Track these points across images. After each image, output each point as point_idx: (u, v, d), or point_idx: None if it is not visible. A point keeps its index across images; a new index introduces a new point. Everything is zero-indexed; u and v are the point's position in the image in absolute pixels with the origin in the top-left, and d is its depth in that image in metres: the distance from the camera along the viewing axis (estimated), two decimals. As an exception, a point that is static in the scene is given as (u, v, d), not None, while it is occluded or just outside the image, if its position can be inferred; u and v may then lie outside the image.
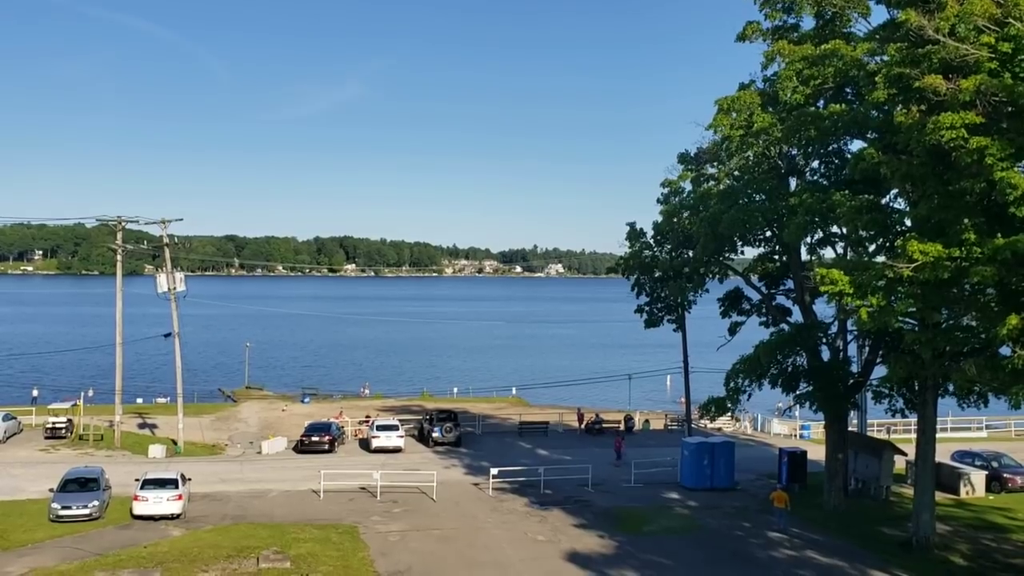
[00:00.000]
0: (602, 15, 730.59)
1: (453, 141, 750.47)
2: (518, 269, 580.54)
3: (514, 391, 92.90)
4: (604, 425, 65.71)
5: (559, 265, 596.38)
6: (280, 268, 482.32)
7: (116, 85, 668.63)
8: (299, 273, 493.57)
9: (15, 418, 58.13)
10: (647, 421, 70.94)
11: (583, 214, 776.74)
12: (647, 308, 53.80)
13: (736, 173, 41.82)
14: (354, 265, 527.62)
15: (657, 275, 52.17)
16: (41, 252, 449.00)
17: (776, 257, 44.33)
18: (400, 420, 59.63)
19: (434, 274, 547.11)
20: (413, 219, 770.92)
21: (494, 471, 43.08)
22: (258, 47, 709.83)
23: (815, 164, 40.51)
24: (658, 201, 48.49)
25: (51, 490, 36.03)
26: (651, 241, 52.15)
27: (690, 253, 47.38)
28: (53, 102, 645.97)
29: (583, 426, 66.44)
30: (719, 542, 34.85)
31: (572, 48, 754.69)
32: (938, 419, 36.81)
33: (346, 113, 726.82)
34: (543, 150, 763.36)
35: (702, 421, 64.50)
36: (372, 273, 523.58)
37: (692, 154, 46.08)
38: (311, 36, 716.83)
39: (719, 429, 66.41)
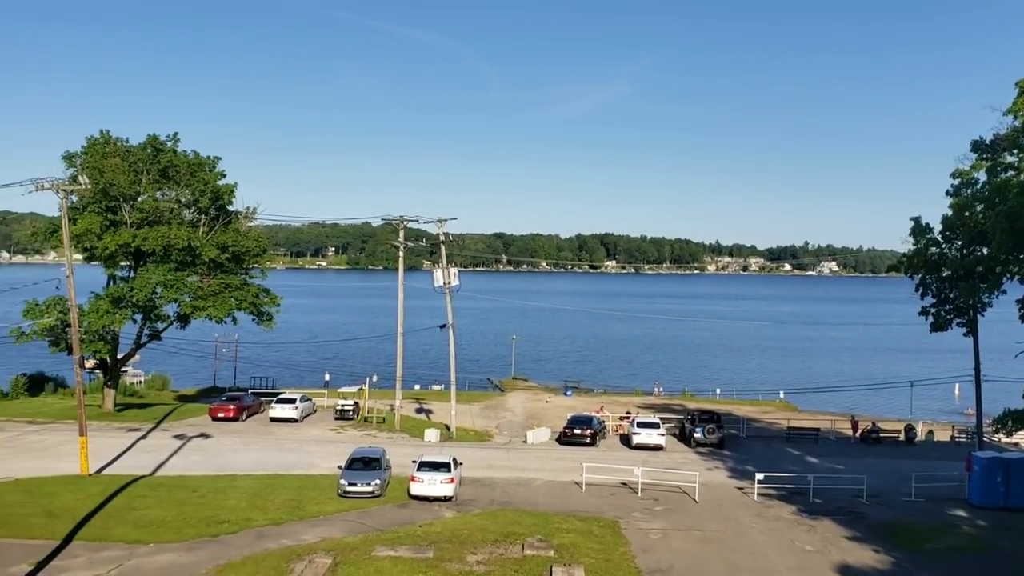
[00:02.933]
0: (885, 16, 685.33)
1: (718, 142, 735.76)
2: (787, 267, 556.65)
3: (781, 395, 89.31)
4: (882, 435, 61.52)
5: (833, 263, 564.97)
6: (544, 264, 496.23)
7: (398, 94, 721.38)
8: (561, 269, 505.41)
9: (310, 400, 64.20)
10: (930, 432, 65.52)
11: (860, 208, 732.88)
12: (933, 310, 49.65)
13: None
14: (614, 262, 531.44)
15: (945, 274, 48.07)
16: (333, 249, 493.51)
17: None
18: (661, 418, 59.23)
19: (696, 271, 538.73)
20: (674, 215, 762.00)
21: (760, 476, 41.63)
22: (530, 51, 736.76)
23: None
24: (947, 193, 44.66)
25: (339, 467, 39.29)
26: (938, 237, 48.11)
27: (984, 250, 43.12)
28: (343, 112, 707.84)
29: (858, 435, 62.59)
30: (1015, 567, 31.41)
31: (841, 52, 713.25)
32: None
33: (611, 112, 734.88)
34: (814, 144, 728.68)
35: (996, 435, 58.48)
36: (632, 270, 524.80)
37: (987, 142, 42.00)
38: (581, 36, 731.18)
39: (1016, 444, 59.91)
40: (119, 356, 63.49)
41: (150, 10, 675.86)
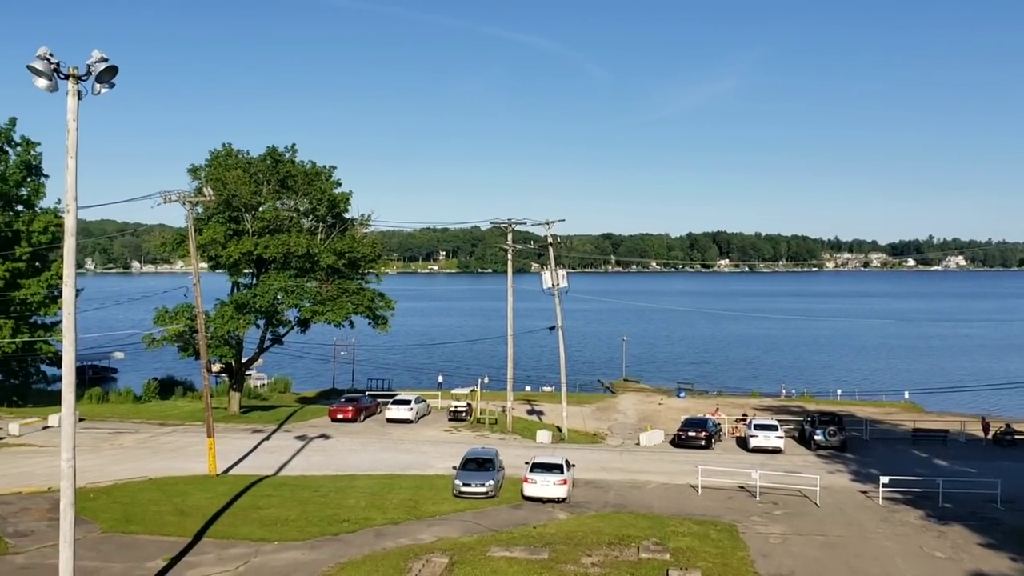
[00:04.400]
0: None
1: (833, 137, 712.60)
2: (910, 262, 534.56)
3: (906, 395, 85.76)
4: (1016, 436, 58.32)
5: (960, 257, 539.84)
6: (654, 264, 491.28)
7: (506, 98, 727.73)
8: (672, 269, 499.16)
9: (425, 401, 65.36)
10: (1072, 434, 61.68)
11: (987, 199, 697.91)
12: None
13: None
14: (727, 260, 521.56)
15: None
16: (444, 253, 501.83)
17: None
18: (779, 420, 57.76)
19: (813, 268, 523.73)
20: (790, 211, 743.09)
21: (884, 479, 40.05)
22: (636, 50, 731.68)
23: None
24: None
25: (454, 468, 39.75)
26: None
27: None
28: (452, 117, 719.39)
29: (990, 436, 59.53)
30: None
31: (961, 48, 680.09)
32: None
33: (719, 108, 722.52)
34: (936, 136, 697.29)
35: None
36: (746, 268, 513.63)
37: None
38: (687, 33, 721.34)
39: None
40: (243, 360, 66.07)
41: (262, 26, 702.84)
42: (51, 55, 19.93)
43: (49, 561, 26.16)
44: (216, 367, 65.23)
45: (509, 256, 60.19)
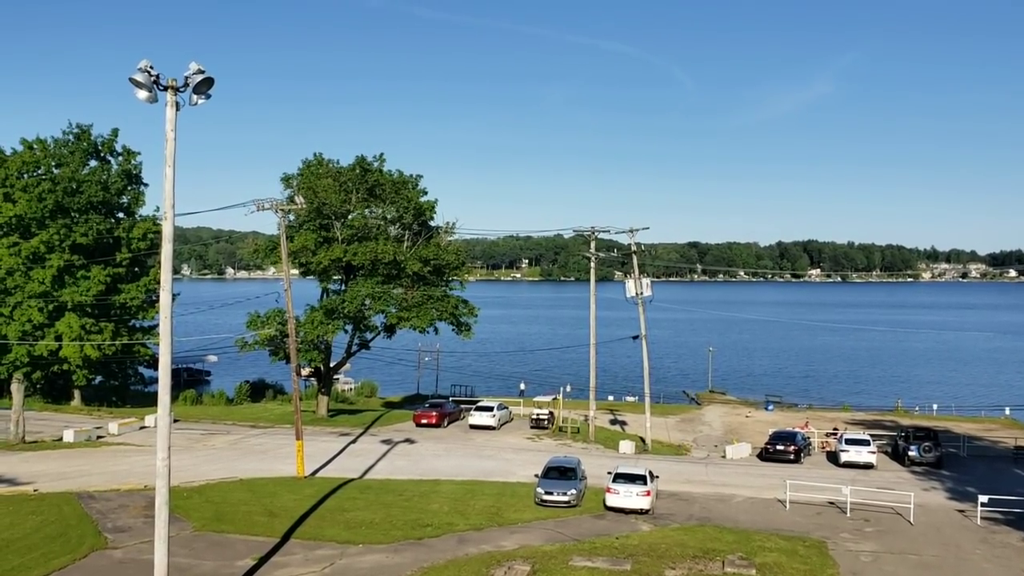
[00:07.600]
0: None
1: (929, 149, 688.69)
2: (1012, 273, 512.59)
3: (1007, 411, 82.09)
4: None
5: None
6: (741, 274, 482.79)
7: (590, 107, 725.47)
8: (761, 278, 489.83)
9: (507, 408, 65.54)
10: None
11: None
12: None
13: None
14: (819, 270, 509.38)
15: None
16: (527, 261, 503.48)
17: None
18: (871, 435, 56.04)
19: (909, 279, 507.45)
20: (885, 220, 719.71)
21: (983, 498, 38.40)
22: (722, 53, 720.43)
23: None
24: None
25: (536, 475, 39.76)
26: None
27: None
28: (535, 126, 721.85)
29: (1099, 456, 56.50)
30: None
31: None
32: None
33: (812, 113, 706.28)
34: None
35: None
36: (838, 278, 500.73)
37: None
38: (777, 33, 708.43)
39: None
40: (332, 364, 67.40)
41: (352, 37, 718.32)
42: (151, 67, 20.67)
43: (145, 557, 27.06)
44: (305, 371, 66.85)
45: (592, 264, 59.89)
